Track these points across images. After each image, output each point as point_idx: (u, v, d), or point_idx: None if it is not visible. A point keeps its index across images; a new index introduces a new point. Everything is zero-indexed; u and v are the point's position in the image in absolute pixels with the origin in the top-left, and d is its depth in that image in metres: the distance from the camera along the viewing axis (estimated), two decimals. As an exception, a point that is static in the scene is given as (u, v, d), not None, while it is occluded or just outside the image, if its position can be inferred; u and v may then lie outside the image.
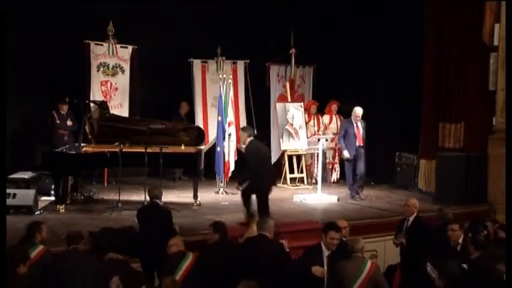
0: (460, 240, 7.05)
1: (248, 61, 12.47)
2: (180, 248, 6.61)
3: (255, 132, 9.34)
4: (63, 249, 6.42)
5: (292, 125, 12.34)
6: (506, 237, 6.65)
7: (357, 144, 10.81)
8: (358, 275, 6.29)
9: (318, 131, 12.39)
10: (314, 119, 12.53)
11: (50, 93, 11.24)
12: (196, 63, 12.33)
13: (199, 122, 12.25)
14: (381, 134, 12.65)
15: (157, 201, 7.96)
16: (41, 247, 6.26)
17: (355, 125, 10.82)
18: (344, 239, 7.00)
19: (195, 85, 12.34)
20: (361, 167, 10.89)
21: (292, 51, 12.54)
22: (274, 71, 12.97)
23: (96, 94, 11.60)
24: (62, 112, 11.19)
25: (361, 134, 10.85)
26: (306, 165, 12.41)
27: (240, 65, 12.51)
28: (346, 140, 10.87)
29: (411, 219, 7.72)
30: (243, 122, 12.29)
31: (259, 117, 12.76)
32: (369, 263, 6.46)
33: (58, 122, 11.13)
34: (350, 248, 6.54)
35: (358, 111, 10.84)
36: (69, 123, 11.15)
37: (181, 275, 6.20)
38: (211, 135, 11.67)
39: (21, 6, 10.18)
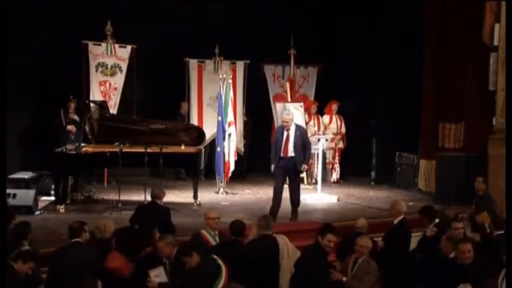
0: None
1: (248, 61, 12.44)
2: None
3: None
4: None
5: (292, 125, 12.30)
6: (506, 237, 6.63)
7: (281, 154, 9.06)
8: None
9: (318, 131, 12.36)
10: (314, 119, 12.50)
11: (50, 93, 11.22)
12: (193, 63, 12.25)
13: (194, 121, 12.21)
14: (381, 134, 12.65)
15: (157, 200, 7.99)
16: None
17: (285, 132, 9.10)
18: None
19: (191, 85, 12.28)
20: (292, 190, 9.15)
21: (291, 51, 12.52)
22: (270, 71, 12.92)
23: (95, 94, 11.57)
24: (70, 110, 11.13)
25: (291, 144, 9.05)
26: (306, 165, 12.36)
27: (240, 65, 12.46)
28: (274, 148, 9.20)
29: (395, 222, 7.58)
30: (241, 123, 12.29)
31: (259, 117, 12.76)
32: None
33: (65, 122, 11.04)
34: None
35: (283, 116, 9.37)
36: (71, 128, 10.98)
37: None
38: (207, 135, 11.65)
39: (21, 6, 10.17)
